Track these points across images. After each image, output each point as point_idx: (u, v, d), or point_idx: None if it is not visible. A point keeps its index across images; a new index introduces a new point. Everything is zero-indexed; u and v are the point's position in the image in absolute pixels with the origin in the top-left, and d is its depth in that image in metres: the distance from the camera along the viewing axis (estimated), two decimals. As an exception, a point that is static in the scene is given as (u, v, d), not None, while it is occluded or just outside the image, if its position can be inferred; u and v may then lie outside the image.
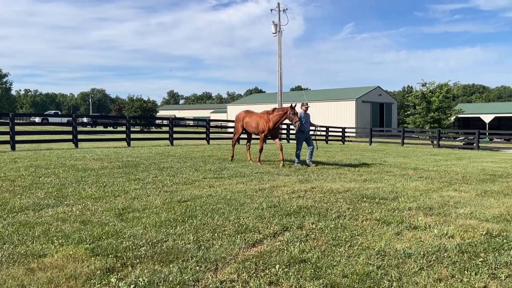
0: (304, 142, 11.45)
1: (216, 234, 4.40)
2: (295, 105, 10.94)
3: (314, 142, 11.71)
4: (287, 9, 33.47)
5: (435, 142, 27.84)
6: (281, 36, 32.82)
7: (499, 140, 43.45)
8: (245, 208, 5.59)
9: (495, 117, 59.46)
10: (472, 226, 4.86)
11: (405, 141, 29.17)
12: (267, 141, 17.76)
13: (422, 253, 3.90)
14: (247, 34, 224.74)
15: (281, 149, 11.15)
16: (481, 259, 3.75)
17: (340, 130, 32.05)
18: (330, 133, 30.87)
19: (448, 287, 3.19)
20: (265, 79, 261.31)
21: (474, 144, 26.03)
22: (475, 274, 3.43)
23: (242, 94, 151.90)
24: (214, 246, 4.00)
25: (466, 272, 3.47)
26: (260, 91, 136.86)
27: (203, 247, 3.98)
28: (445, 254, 3.90)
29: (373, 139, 30.70)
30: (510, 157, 17.33)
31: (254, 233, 4.44)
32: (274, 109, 11.29)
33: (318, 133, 11.97)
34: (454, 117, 43.88)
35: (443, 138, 31.65)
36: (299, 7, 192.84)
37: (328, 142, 29.62)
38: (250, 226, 4.71)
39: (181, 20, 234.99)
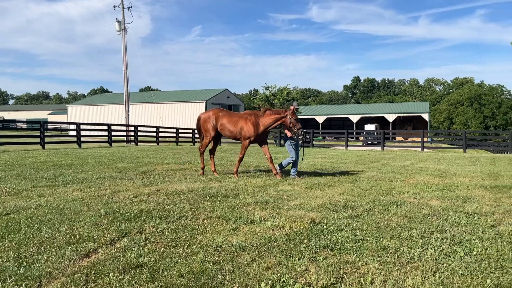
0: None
1: (42, 248, 3.98)
2: (297, 109, 9.49)
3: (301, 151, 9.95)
4: (131, 7, 32.37)
5: (277, 141, 30.18)
6: (126, 35, 31.55)
7: (330, 138, 49.42)
8: (80, 216, 5.20)
9: (327, 118, 67.33)
10: (300, 216, 5.39)
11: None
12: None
13: (255, 245, 4.17)
14: (89, 30, 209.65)
15: (271, 161, 9.33)
16: (305, 245, 4.18)
17: (190, 131, 32.30)
18: (180, 135, 30.85)
19: (275, 273, 3.47)
20: (111, 78, 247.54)
21: (310, 142, 29.04)
22: (299, 259, 3.81)
23: (86, 94, 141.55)
24: (40, 261, 3.62)
25: (291, 258, 3.82)
26: (106, 91, 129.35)
27: (25, 264, 3.56)
28: (275, 244, 4.24)
29: (222, 140, 31.74)
30: (337, 153, 19.82)
31: (88, 243, 4.16)
32: (266, 110, 9.45)
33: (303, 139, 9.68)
34: (293, 118, 48.33)
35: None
36: (145, 5, 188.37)
37: (179, 143, 29.58)
38: (84, 235, 4.40)
39: (9, 10, 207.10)
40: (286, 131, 9.49)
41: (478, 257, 3.85)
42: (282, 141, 10.22)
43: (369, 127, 59.03)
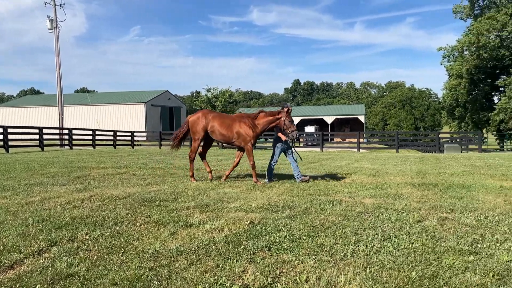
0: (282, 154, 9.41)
1: (-40, 262, 3.67)
2: (291, 110, 9.08)
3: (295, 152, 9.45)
4: (64, 4, 30.73)
5: (220, 143, 30.09)
6: (58, 33, 30.00)
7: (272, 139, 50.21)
8: (5, 226, 4.86)
9: (268, 120, 68.23)
10: (239, 217, 5.42)
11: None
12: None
13: (193, 249, 4.13)
14: (18, 27, 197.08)
15: (254, 167, 8.99)
16: (243, 247, 4.21)
17: (129, 134, 31.36)
18: (118, 138, 29.84)
19: (212, 276, 3.46)
20: (44, 79, 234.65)
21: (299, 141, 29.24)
22: (236, 261, 3.82)
23: (15, 96, 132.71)
24: (-44, 277, 3.34)
25: (229, 260, 3.83)
26: (38, 92, 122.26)
27: None
28: (214, 246, 4.22)
29: (163, 143, 31.12)
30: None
31: (14, 254, 3.90)
32: (260, 112, 9.15)
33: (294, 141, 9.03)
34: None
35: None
36: (80, 3, 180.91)
37: (117, 146, 28.59)
38: (9, 246, 4.11)
39: None
40: (279, 134, 9.07)
41: (405, 251, 4.09)
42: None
43: (309, 128, 60.67)
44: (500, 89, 43.31)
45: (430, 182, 8.89)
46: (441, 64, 50.75)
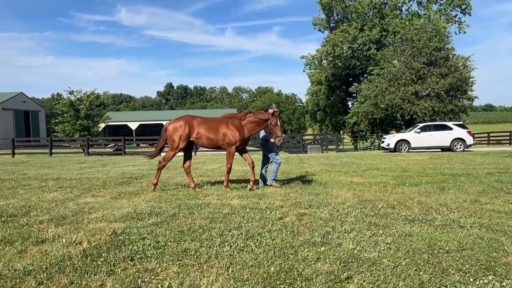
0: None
1: None
2: (279, 112, 8.46)
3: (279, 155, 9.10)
4: None
5: (86, 150, 28.01)
6: None
7: (145, 145, 48.50)
8: None
9: (140, 124, 65.87)
10: (101, 228, 5.09)
11: (55, 150, 28.13)
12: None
13: (44, 267, 3.74)
14: None
15: (253, 167, 8.46)
16: (103, 259, 3.96)
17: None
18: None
19: (65, 295, 3.18)
20: None
21: (122, 150, 27.89)
22: (94, 274, 3.58)
23: None
24: None
25: (86, 275, 3.56)
26: None
27: None
28: (69, 262, 3.89)
29: (16, 151, 27.78)
30: (149, 160, 19.52)
31: None
32: (246, 113, 8.49)
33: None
34: (104, 124, 45.70)
35: (94, 146, 32.38)
36: None
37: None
38: None
39: None
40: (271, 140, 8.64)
41: (266, 248, 4.29)
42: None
43: (183, 133, 60.14)
44: (353, 95, 48.58)
45: (292, 180, 9.53)
46: (304, 71, 55.05)
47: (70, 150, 31.40)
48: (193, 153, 28.19)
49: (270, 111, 8.37)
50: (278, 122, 8.19)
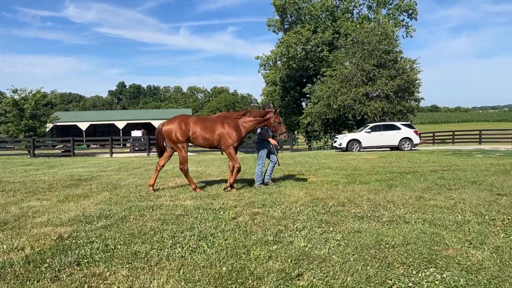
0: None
1: None
2: (278, 110, 8.44)
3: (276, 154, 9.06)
4: None
5: (32, 151, 26.67)
6: None
7: (95, 146, 46.89)
8: None
9: (91, 124, 63.70)
10: (46, 233, 4.87)
11: (-3, 152, 26.52)
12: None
13: (-18, 275, 3.53)
14: None
15: (239, 171, 8.15)
16: (47, 265, 3.79)
17: None
18: None
19: (5, 304, 3.01)
20: None
21: (71, 151, 26.82)
22: (37, 281, 3.42)
23: None
24: None
25: (28, 282, 3.40)
26: None
27: None
28: (10, 269, 3.69)
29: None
30: (100, 161, 18.92)
31: None
32: (245, 111, 8.32)
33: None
34: (52, 125, 43.75)
35: (41, 147, 30.90)
36: None
37: None
38: None
39: None
40: (269, 138, 8.78)
41: (218, 248, 4.28)
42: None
43: (136, 133, 58.80)
44: (307, 96, 49.50)
45: (247, 180, 9.56)
46: (259, 72, 55.43)
47: (15, 151, 29.77)
48: (150, 154, 27.61)
49: (267, 110, 8.42)
50: (280, 119, 8.38)
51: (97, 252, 4.16)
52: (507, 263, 3.69)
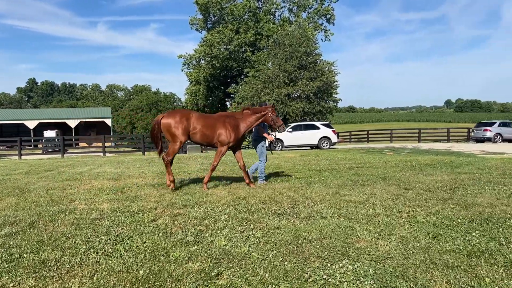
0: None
1: None
2: (273, 104, 6.93)
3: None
4: None
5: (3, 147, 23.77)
6: None
7: (2, 147, 43.02)
8: None
9: (-3, 124, 58.37)
10: None
11: None
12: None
13: None
14: None
15: (213, 169, 8.31)
16: None
17: None
18: None
19: None
20: None
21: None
22: None
23: None
24: None
25: None
26: None
27: None
28: None
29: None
30: (7, 164, 17.39)
31: None
32: (245, 109, 8.62)
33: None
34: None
35: None
36: None
37: None
38: None
39: None
40: (264, 134, 8.99)
41: (136, 251, 4.14)
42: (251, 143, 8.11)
43: (49, 133, 54.91)
44: (231, 95, 49.81)
45: (164, 182, 9.35)
46: (182, 71, 54.65)
47: None
48: (64, 156, 25.93)
49: (269, 104, 8.78)
50: (276, 113, 8.62)
51: (0, 262, 3.81)
52: (411, 252, 4.01)
